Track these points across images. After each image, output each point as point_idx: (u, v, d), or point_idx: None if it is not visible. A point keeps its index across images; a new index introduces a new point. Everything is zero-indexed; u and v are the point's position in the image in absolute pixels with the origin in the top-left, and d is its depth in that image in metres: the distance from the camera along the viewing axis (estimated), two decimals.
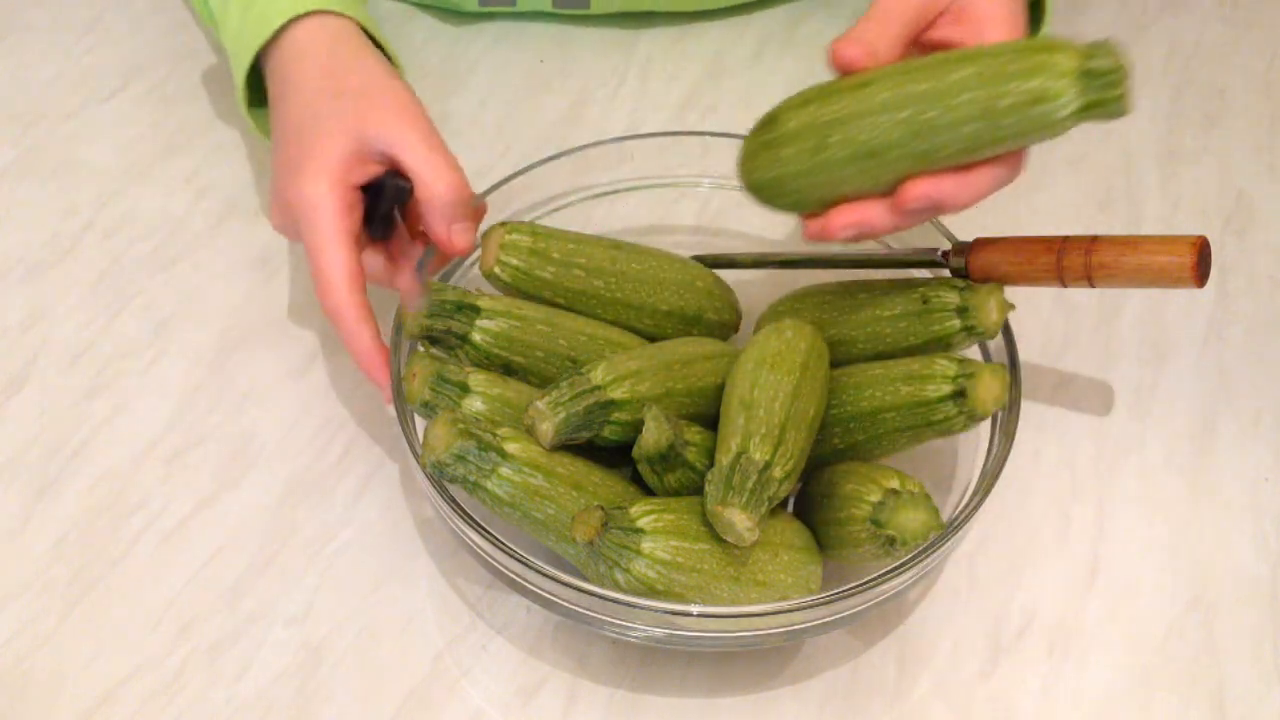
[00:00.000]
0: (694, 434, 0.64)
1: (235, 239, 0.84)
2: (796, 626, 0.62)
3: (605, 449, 0.65)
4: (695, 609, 0.60)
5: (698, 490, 0.63)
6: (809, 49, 0.98)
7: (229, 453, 0.74)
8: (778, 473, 0.61)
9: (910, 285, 0.70)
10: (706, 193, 0.83)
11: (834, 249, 0.76)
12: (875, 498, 0.62)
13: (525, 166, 0.77)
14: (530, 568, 0.61)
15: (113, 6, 0.98)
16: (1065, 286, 0.68)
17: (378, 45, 0.77)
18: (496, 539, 0.62)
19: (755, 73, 0.96)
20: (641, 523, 0.60)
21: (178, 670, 0.66)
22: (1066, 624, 0.69)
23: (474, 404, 0.65)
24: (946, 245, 0.72)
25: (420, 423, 0.67)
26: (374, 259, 0.72)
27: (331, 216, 0.68)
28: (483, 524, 0.62)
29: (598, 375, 0.64)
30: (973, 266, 0.70)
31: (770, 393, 0.64)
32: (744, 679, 0.66)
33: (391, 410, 0.68)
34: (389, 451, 0.74)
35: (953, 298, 0.68)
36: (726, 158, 0.73)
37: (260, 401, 0.77)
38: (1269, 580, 0.71)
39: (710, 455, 0.64)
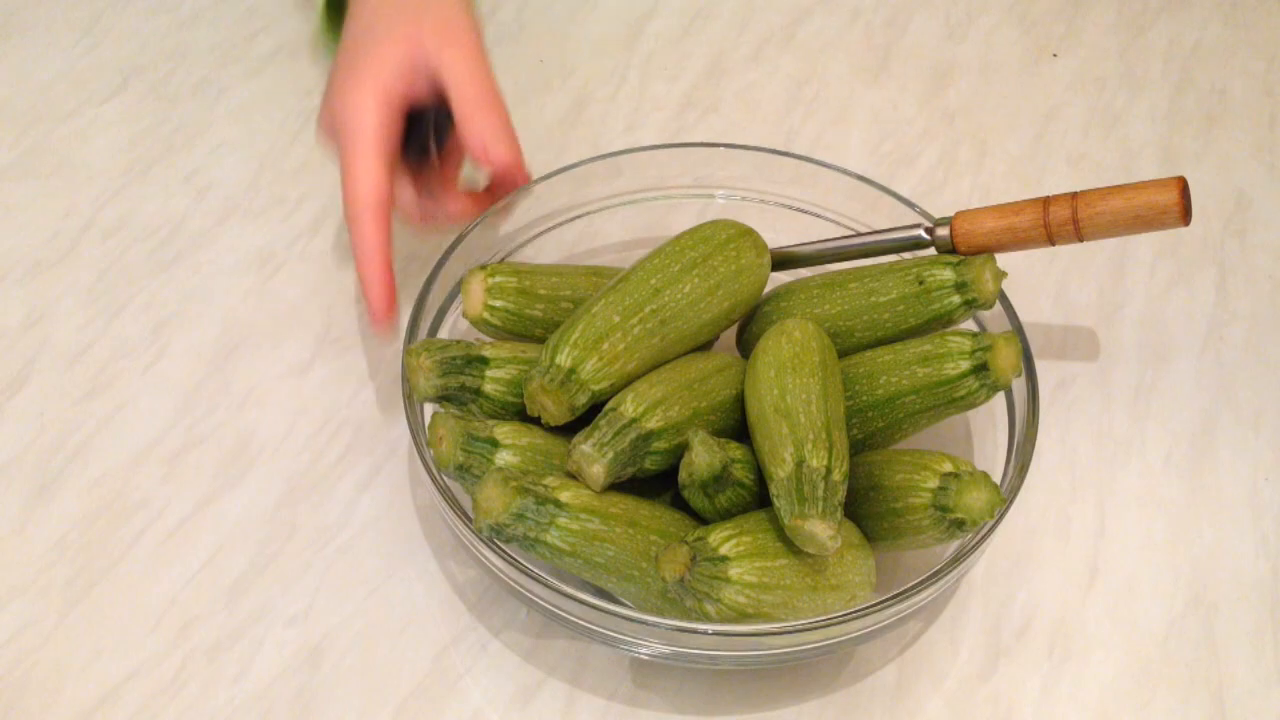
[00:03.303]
0: (736, 450, 0.64)
1: (235, 239, 0.84)
2: (870, 629, 0.62)
3: (641, 481, 0.65)
4: (778, 626, 0.60)
5: (747, 508, 0.63)
6: (809, 49, 0.98)
7: (229, 453, 0.74)
8: (837, 476, 0.61)
9: (901, 268, 0.70)
10: (701, 204, 0.83)
11: (826, 244, 0.76)
12: (933, 483, 0.62)
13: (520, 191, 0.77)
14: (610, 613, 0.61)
15: (112, 6, 0.98)
16: (1054, 244, 0.69)
17: None
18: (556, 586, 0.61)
19: (755, 73, 0.96)
20: (725, 550, 0.59)
21: (178, 670, 0.66)
22: (1066, 624, 0.69)
23: (506, 457, 0.64)
24: (927, 223, 0.72)
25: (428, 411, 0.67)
26: (404, 189, 0.73)
27: (374, 128, 0.69)
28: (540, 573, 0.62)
29: (629, 408, 0.63)
30: (959, 239, 0.70)
31: (803, 397, 0.63)
32: (743, 679, 0.66)
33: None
34: (389, 451, 0.74)
35: (948, 274, 0.68)
36: (715, 167, 0.74)
37: (260, 401, 0.77)
38: (1269, 580, 0.71)
39: (754, 470, 0.63)
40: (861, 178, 0.77)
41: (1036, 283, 0.84)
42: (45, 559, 0.70)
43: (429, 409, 0.68)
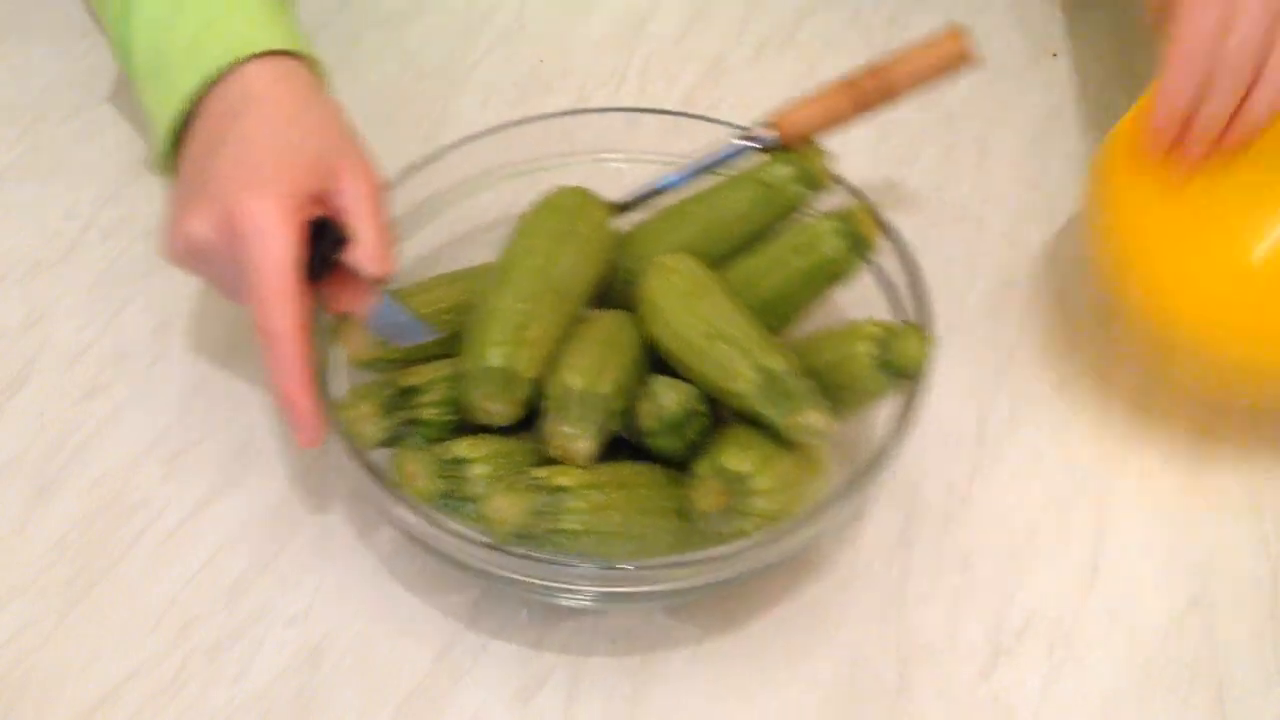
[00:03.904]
0: (687, 385, 0.66)
1: None
2: (866, 490, 0.65)
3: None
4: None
5: (708, 434, 0.65)
6: (809, 49, 0.98)
7: (229, 453, 0.74)
8: (794, 370, 0.64)
9: (742, 178, 0.74)
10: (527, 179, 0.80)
11: (662, 183, 0.77)
12: (868, 347, 0.65)
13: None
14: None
15: None
16: (869, 110, 0.74)
17: None
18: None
19: (755, 73, 0.96)
20: (742, 468, 0.62)
21: (178, 670, 0.66)
22: (1066, 624, 0.69)
23: (478, 469, 0.65)
24: (748, 131, 0.75)
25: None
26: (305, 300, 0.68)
27: (288, 239, 0.65)
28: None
29: (578, 380, 0.64)
30: (785, 135, 0.74)
31: (725, 316, 0.66)
32: (744, 678, 0.67)
33: (305, 453, 0.67)
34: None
35: (788, 169, 0.73)
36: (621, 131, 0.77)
37: (260, 401, 0.77)
38: (1269, 580, 0.71)
39: (704, 398, 0.66)
40: (662, 110, 0.80)
41: (1037, 283, 0.84)
42: (45, 559, 0.70)
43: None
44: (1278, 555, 0.72)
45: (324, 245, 0.68)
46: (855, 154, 0.91)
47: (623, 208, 0.76)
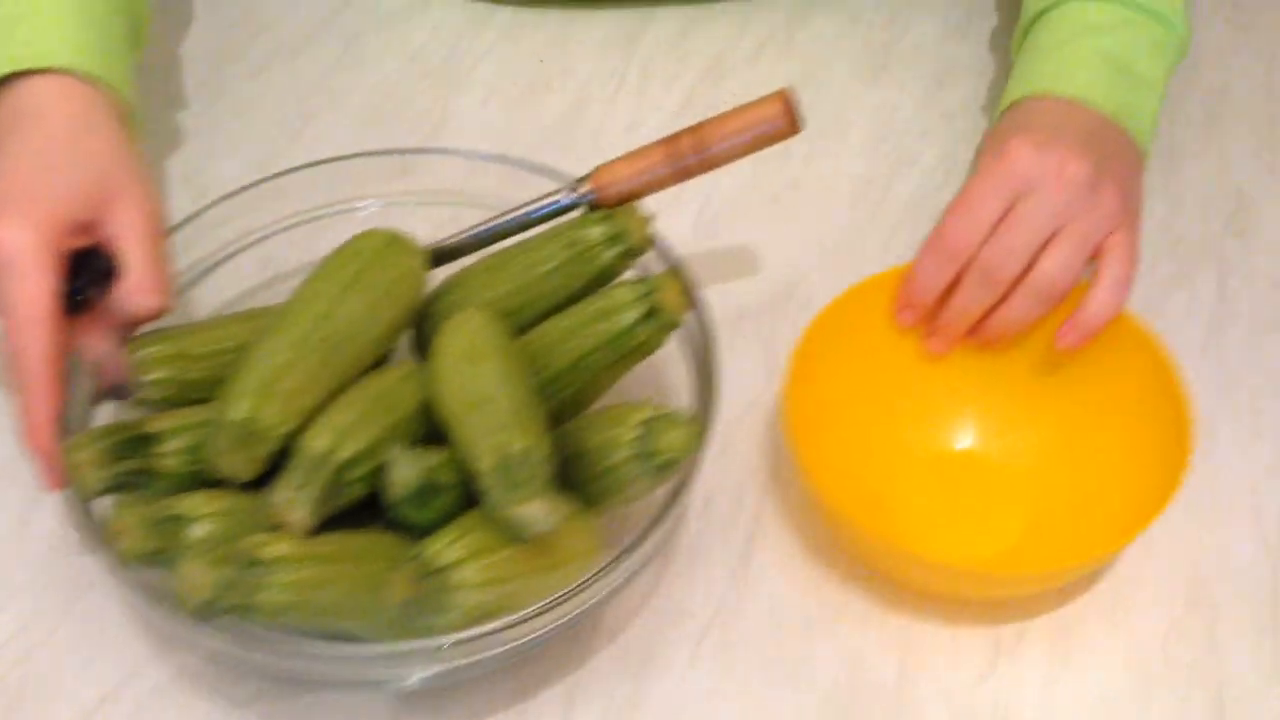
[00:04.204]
0: (435, 456, 0.61)
1: None
2: (613, 587, 0.62)
3: (353, 512, 0.62)
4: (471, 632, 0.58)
5: (461, 509, 0.61)
6: (809, 49, 0.98)
7: None
8: (540, 454, 0.60)
9: (555, 235, 0.71)
10: (345, 219, 0.78)
11: (480, 230, 0.74)
12: (631, 435, 0.62)
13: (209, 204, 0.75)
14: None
15: None
16: (689, 176, 0.71)
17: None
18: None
19: (755, 73, 0.96)
20: (447, 557, 0.58)
21: (177, 670, 0.66)
22: (1066, 624, 0.69)
23: (200, 529, 0.61)
24: (568, 185, 0.73)
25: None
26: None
27: (43, 268, 0.62)
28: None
29: (320, 443, 0.60)
30: (600, 194, 0.71)
31: (489, 386, 0.62)
32: (743, 678, 0.67)
33: (53, 493, 0.63)
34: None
35: (599, 231, 0.69)
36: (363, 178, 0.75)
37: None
38: (1269, 580, 0.71)
39: (458, 470, 0.61)
40: (496, 157, 0.77)
41: None
42: (45, 559, 0.70)
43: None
44: (1278, 555, 0.72)
45: (83, 277, 0.64)
46: (856, 153, 0.91)
47: (440, 254, 0.73)
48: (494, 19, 0.99)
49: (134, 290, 0.65)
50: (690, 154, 0.71)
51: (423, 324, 0.71)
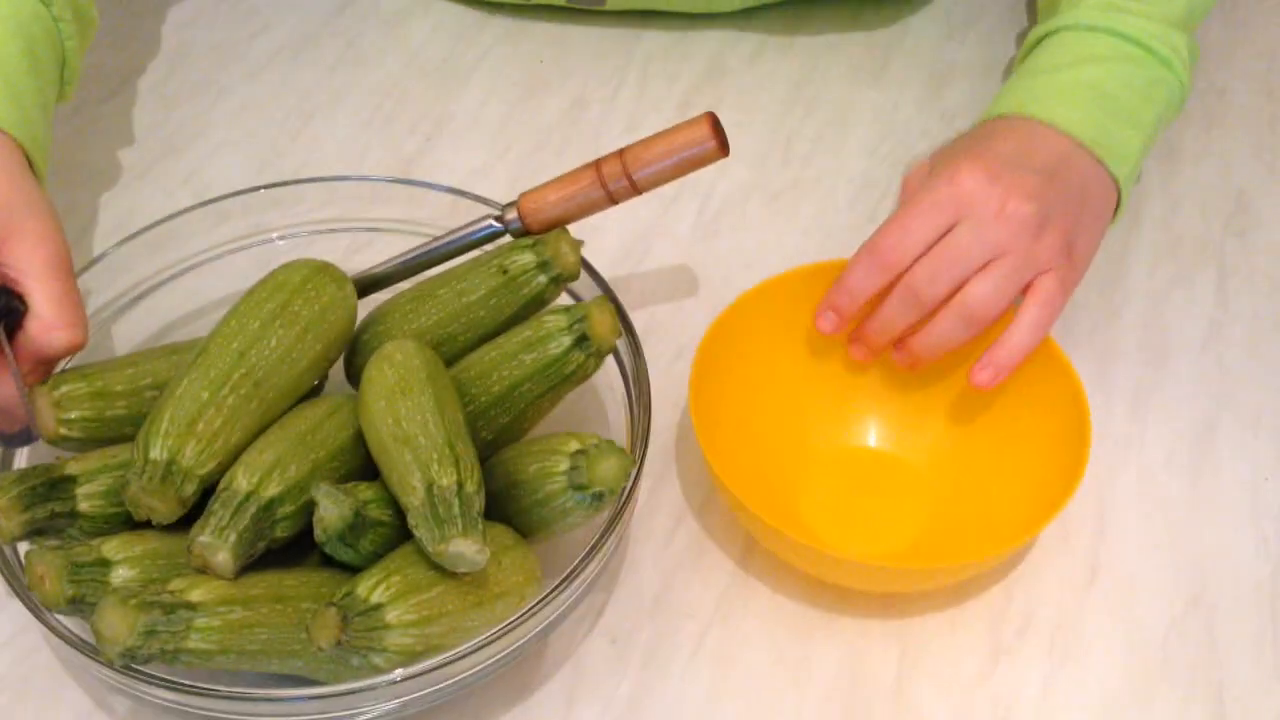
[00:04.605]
0: (366, 491, 0.60)
1: None
2: (549, 620, 0.61)
3: (282, 550, 0.61)
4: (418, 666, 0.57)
5: (394, 544, 0.60)
6: (809, 50, 0.98)
7: None
8: (471, 487, 0.59)
9: (484, 262, 0.70)
10: (264, 250, 0.77)
11: (408, 257, 0.74)
12: (564, 466, 0.61)
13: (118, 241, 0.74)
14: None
15: (113, 6, 0.98)
16: (615, 202, 0.70)
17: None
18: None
19: (755, 73, 0.96)
20: (375, 597, 0.57)
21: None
22: (1066, 624, 0.69)
23: (122, 574, 0.59)
24: (496, 211, 0.72)
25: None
26: None
27: None
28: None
29: (243, 483, 0.59)
30: (528, 220, 0.71)
31: (418, 419, 0.61)
32: (743, 678, 0.66)
33: None
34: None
35: (527, 257, 0.69)
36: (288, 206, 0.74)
37: None
38: (1269, 580, 0.71)
39: (391, 505, 0.61)
40: (409, 181, 0.77)
41: None
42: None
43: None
44: (1278, 555, 0.72)
45: None
46: (855, 154, 0.91)
47: (367, 283, 0.73)
48: (493, 19, 0.99)
49: (38, 329, 0.64)
50: (617, 178, 0.70)
51: (353, 355, 0.71)
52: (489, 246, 0.72)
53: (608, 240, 0.82)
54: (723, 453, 0.67)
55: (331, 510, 0.59)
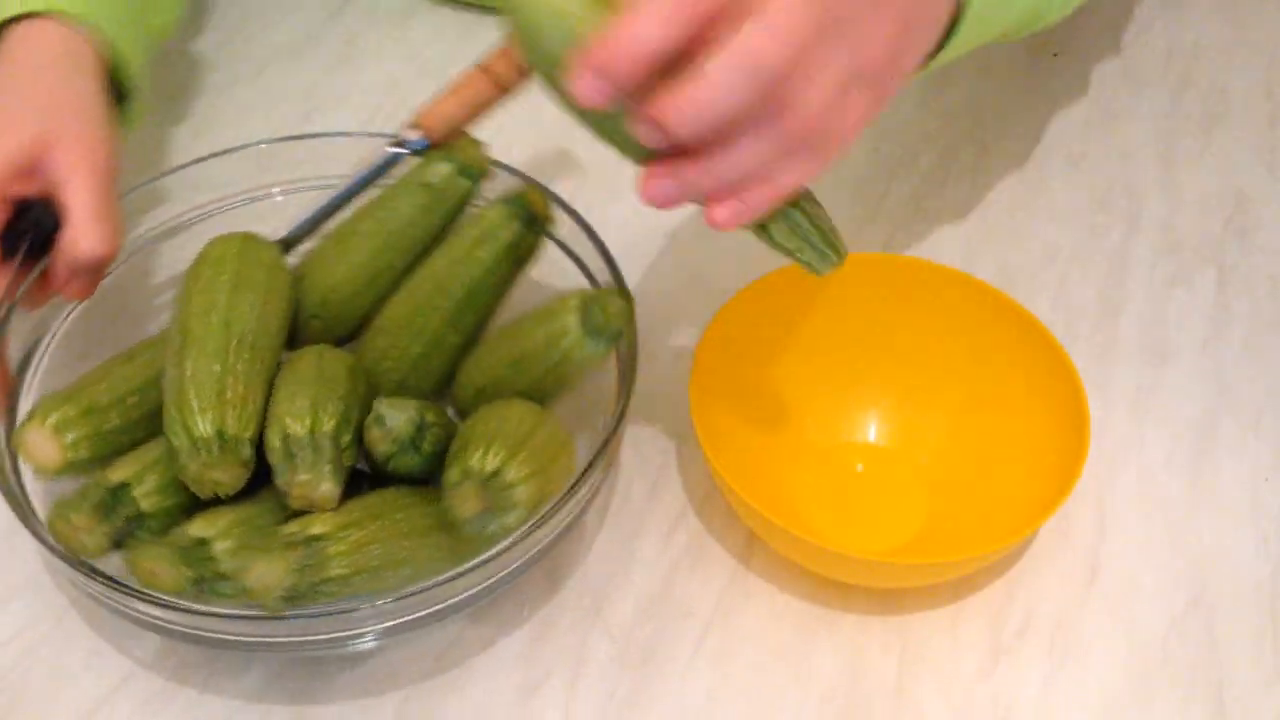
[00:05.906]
0: (412, 401, 0.64)
1: None
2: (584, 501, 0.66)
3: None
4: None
5: (447, 442, 0.64)
6: None
7: None
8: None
9: (401, 186, 0.72)
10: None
11: (318, 209, 0.75)
12: (574, 318, 0.65)
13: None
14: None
15: None
16: (508, 91, 0.71)
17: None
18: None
19: None
20: (489, 465, 0.60)
21: (177, 670, 0.66)
22: (1066, 624, 0.69)
23: (220, 545, 0.61)
24: (396, 136, 0.73)
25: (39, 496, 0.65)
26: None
27: None
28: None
29: (298, 427, 0.62)
30: (432, 133, 0.72)
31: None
32: (744, 676, 0.67)
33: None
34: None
35: (446, 167, 0.71)
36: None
37: None
38: (1269, 580, 0.71)
39: (433, 406, 0.65)
40: (306, 135, 0.79)
41: (1036, 283, 0.84)
42: (45, 558, 0.70)
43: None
44: (1278, 555, 0.72)
45: (22, 226, 0.64)
46: (855, 154, 0.91)
47: (289, 243, 0.74)
48: (493, 19, 0.99)
49: (72, 236, 0.64)
50: (505, 71, 0.71)
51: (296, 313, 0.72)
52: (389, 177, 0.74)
53: (607, 240, 0.82)
54: (723, 450, 0.67)
55: (398, 418, 0.63)
